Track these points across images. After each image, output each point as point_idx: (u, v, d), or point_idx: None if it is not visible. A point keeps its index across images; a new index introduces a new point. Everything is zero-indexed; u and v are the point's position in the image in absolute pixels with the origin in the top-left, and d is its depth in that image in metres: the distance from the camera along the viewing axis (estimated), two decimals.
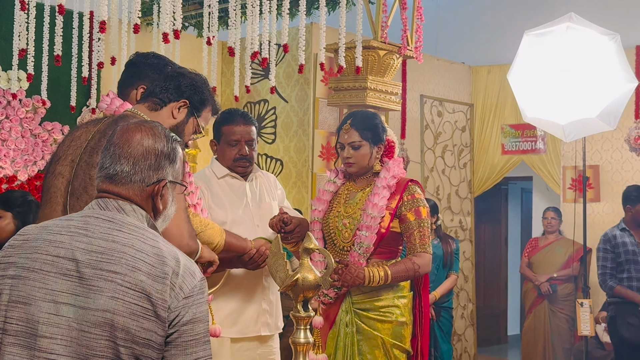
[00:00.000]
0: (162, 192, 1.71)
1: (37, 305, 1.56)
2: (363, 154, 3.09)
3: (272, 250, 2.14)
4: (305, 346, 2.08)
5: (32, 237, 1.64)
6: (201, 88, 2.42)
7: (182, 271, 1.59)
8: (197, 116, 2.42)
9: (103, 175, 1.69)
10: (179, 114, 2.38)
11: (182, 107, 2.38)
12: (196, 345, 1.58)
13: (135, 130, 1.70)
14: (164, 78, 2.41)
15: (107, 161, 1.69)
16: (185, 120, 2.39)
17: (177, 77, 2.41)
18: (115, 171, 1.67)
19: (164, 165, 1.70)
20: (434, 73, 7.25)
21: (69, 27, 4.26)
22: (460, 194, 7.24)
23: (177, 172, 1.75)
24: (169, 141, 1.72)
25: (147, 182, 1.68)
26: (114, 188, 1.68)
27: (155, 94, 2.38)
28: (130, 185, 1.67)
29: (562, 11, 5.10)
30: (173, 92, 2.38)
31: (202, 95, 2.42)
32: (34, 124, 5.39)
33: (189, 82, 2.41)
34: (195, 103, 2.41)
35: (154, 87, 2.40)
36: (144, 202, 1.69)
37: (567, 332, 6.39)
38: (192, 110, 2.40)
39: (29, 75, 4.23)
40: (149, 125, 1.73)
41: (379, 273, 2.94)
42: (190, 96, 2.39)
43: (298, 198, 6.11)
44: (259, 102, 6.47)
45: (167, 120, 2.36)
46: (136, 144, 1.68)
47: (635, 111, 6.63)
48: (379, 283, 2.96)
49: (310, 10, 5.23)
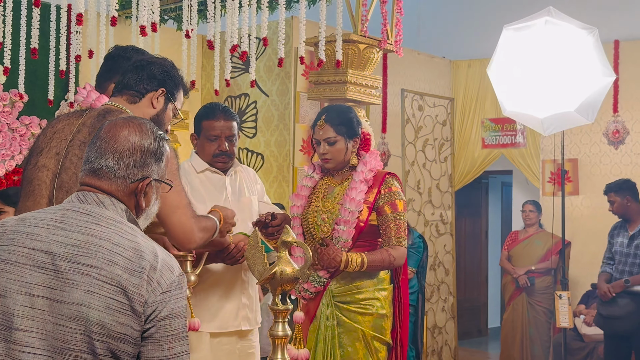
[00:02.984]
0: (145, 189, 1.70)
1: (12, 298, 1.55)
2: (339, 149, 3.10)
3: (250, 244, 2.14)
4: (283, 339, 2.08)
5: (9, 230, 1.63)
6: (172, 72, 2.42)
7: (160, 266, 1.58)
8: (173, 100, 2.43)
9: (87, 169, 1.68)
10: (158, 103, 2.38)
11: (160, 96, 2.38)
12: (174, 341, 1.57)
13: (123, 126, 1.69)
14: (133, 69, 2.39)
15: (92, 155, 1.68)
16: (164, 107, 2.40)
17: (147, 65, 2.39)
18: (100, 165, 1.67)
19: (150, 162, 1.69)
20: (415, 67, 7.26)
21: (46, 19, 4.22)
22: (441, 188, 7.27)
23: (162, 170, 1.74)
24: (156, 139, 1.72)
25: (131, 178, 1.67)
26: (97, 182, 1.67)
27: (131, 86, 2.37)
28: (113, 180, 1.66)
29: (541, 5, 5.13)
30: (148, 81, 2.37)
31: (175, 80, 2.42)
32: (12, 118, 5.33)
33: (161, 69, 2.40)
34: (170, 88, 2.41)
35: (126, 80, 2.38)
36: (126, 199, 1.68)
37: (545, 325, 6.44)
38: (169, 96, 2.40)
39: (6, 69, 4.19)
40: (137, 122, 1.72)
41: (357, 259, 2.98)
42: (164, 83, 2.39)
43: (279, 192, 6.11)
44: (239, 96, 6.45)
45: (146, 110, 2.36)
46: (123, 140, 1.67)
47: (614, 105, 6.70)
48: (355, 269, 2.99)
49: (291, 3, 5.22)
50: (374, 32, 4.72)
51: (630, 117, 6.72)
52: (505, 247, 6.85)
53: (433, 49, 7.57)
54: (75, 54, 4.09)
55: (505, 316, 6.79)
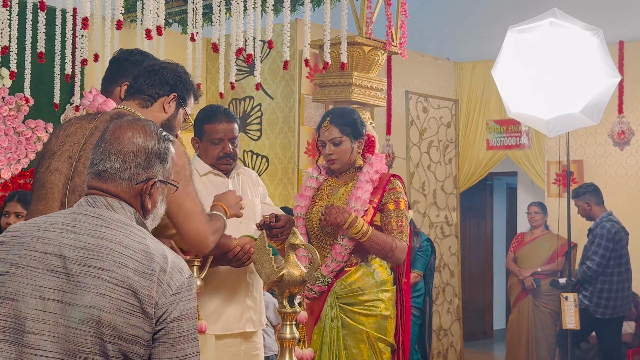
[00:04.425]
0: (150, 191, 1.70)
1: (24, 302, 1.56)
2: (344, 149, 3.11)
3: (258, 246, 2.14)
4: (291, 342, 2.08)
5: (20, 234, 1.64)
6: (184, 78, 2.43)
7: (169, 268, 1.59)
8: (184, 106, 2.44)
9: (93, 172, 1.69)
10: (170, 108, 2.39)
11: (172, 101, 2.39)
12: (184, 342, 1.58)
13: (127, 128, 1.70)
14: (145, 73, 2.40)
15: (97, 157, 1.69)
16: (175, 112, 2.41)
17: (159, 70, 2.40)
18: (105, 168, 1.67)
19: (154, 164, 1.70)
20: (419, 69, 7.26)
21: (51, 24, 4.23)
22: (445, 190, 7.26)
23: (167, 171, 1.74)
24: (160, 140, 1.72)
25: (136, 180, 1.68)
26: (103, 185, 1.67)
27: (143, 90, 2.38)
28: (119, 182, 1.67)
29: (545, 7, 5.13)
30: (160, 86, 2.38)
31: (186, 85, 2.43)
32: (17, 122, 5.35)
33: (173, 74, 2.41)
34: (182, 94, 2.42)
35: (138, 84, 2.39)
36: (132, 200, 1.69)
37: (551, 327, 6.43)
38: (180, 101, 2.42)
39: (12, 73, 4.20)
40: (141, 124, 1.72)
41: (363, 224, 2.97)
42: (176, 88, 2.40)
43: (284, 194, 6.11)
44: (244, 99, 6.46)
45: (158, 115, 2.37)
46: (127, 142, 1.67)
47: (619, 106, 6.68)
48: (357, 235, 2.97)
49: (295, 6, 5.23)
50: (379, 34, 4.73)
51: (635, 118, 6.71)
52: (511, 249, 6.84)
53: (437, 50, 7.57)
54: (81, 58, 4.11)
55: (510, 318, 6.77)
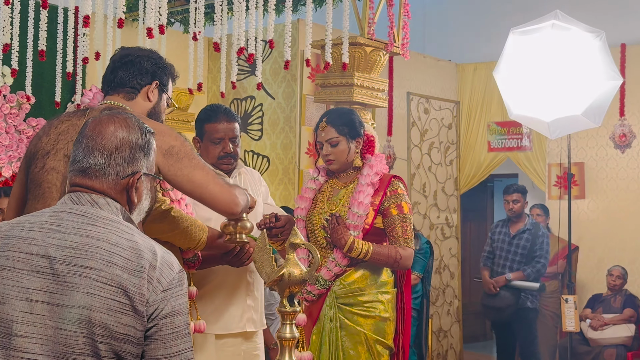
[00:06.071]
0: (136, 184, 1.67)
1: (10, 304, 1.51)
2: (341, 149, 3.10)
3: (259, 246, 2.13)
4: (291, 341, 2.08)
5: (3, 234, 1.59)
6: (160, 63, 2.44)
7: (159, 264, 1.55)
8: (166, 91, 2.45)
9: (76, 169, 1.65)
10: (153, 96, 2.40)
11: (154, 89, 2.40)
12: (177, 338, 1.55)
13: (109, 122, 1.66)
14: (122, 65, 2.40)
15: (79, 154, 1.65)
16: (159, 99, 2.42)
17: (136, 60, 2.40)
18: (89, 164, 1.63)
19: (139, 157, 1.67)
20: (421, 70, 7.26)
21: (53, 22, 4.23)
22: (446, 191, 7.26)
23: (151, 164, 1.72)
24: (143, 133, 1.68)
25: (122, 174, 1.64)
26: (87, 181, 1.64)
27: (124, 83, 2.38)
28: (104, 178, 1.63)
29: (547, 9, 5.12)
30: (140, 76, 2.38)
31: (165, 70, 2.44)
32: (19, 120, 5.35)
33: (150, 62, 2.41)
34: (162, 80, 2.42)
35: (119, 77, 2.39)
36: (118, 196, 1.65)
37: (552, 329, 6.42)
38: (161, 87, 2.42)
39: (13, 71, 4.19)
40: (122, 117, 1.68)
41: (362, 247, 2.98)
42: (156, 75, 2.41)
43: (285, 195, 6.10)
44: (245, 99, 6.46)
45: (144, 104, 2.38)
46: (110, 136, 1.64)
47: (620, 108, 6.68)
48: (359, 256, 2.98)
49: (297, 6, 5.23)
50: (381, 35, 4.73)
51: (636, 120, 6.70)
52: None
53: (439, 52, 7.57)
54: (83, 56, 4.10)
55: None
